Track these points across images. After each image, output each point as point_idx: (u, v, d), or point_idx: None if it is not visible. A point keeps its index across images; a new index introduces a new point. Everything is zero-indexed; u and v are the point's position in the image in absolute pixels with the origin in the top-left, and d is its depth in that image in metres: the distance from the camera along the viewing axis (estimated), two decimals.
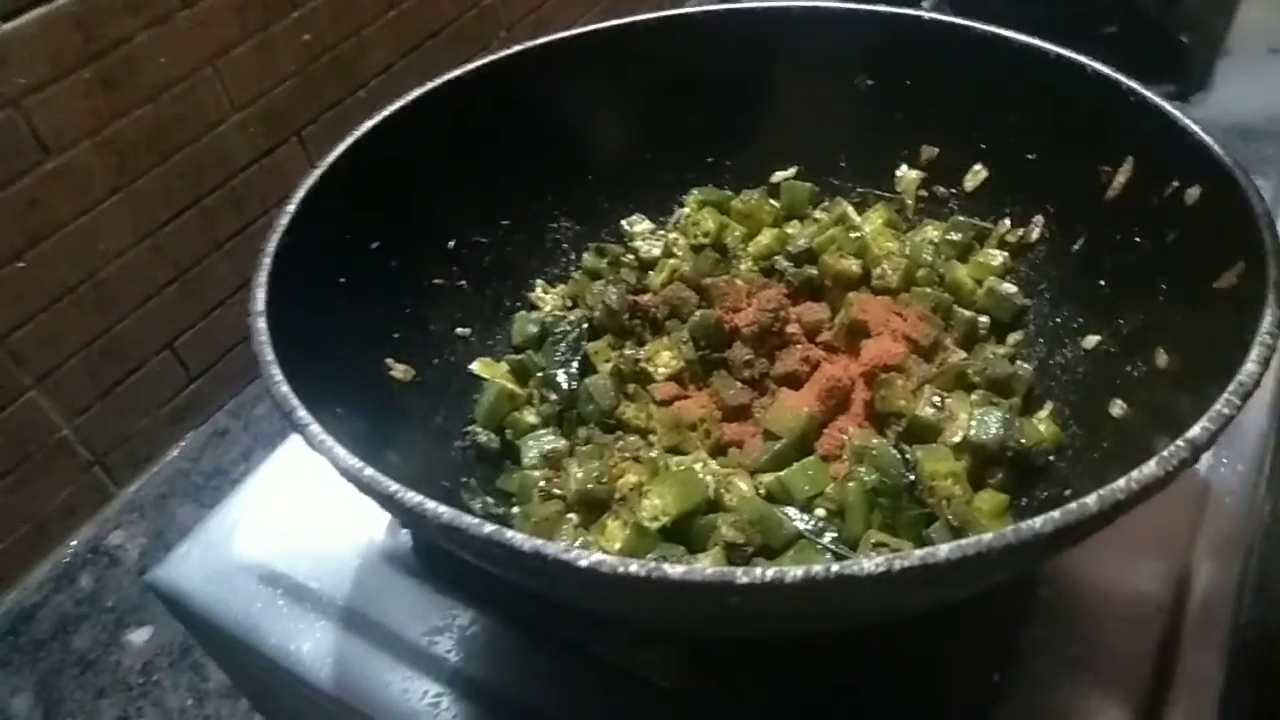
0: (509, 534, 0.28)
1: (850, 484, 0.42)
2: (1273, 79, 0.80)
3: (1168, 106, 0.46)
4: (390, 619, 0.50)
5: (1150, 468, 0.29)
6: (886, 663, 0.43)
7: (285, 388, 0.35)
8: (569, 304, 0.59)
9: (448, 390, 0.53)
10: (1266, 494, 0.52)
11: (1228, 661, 0.45)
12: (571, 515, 0.44)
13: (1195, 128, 0.45)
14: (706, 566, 0.27)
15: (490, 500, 0.47)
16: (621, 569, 0.27)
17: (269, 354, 0.37)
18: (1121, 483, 0.29)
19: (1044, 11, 0.84)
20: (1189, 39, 0.82)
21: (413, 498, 0.30)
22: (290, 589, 0.52)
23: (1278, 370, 0.56)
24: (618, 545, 0.40)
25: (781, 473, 0.44)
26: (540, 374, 0.53)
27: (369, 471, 0.32)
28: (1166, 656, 0.45)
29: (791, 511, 0.42)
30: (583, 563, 0.27)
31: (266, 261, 0.42)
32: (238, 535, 0.56)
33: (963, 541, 0.27)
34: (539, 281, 0.60)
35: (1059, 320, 0.51)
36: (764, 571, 0.27)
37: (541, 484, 0.45)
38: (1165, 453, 0.30)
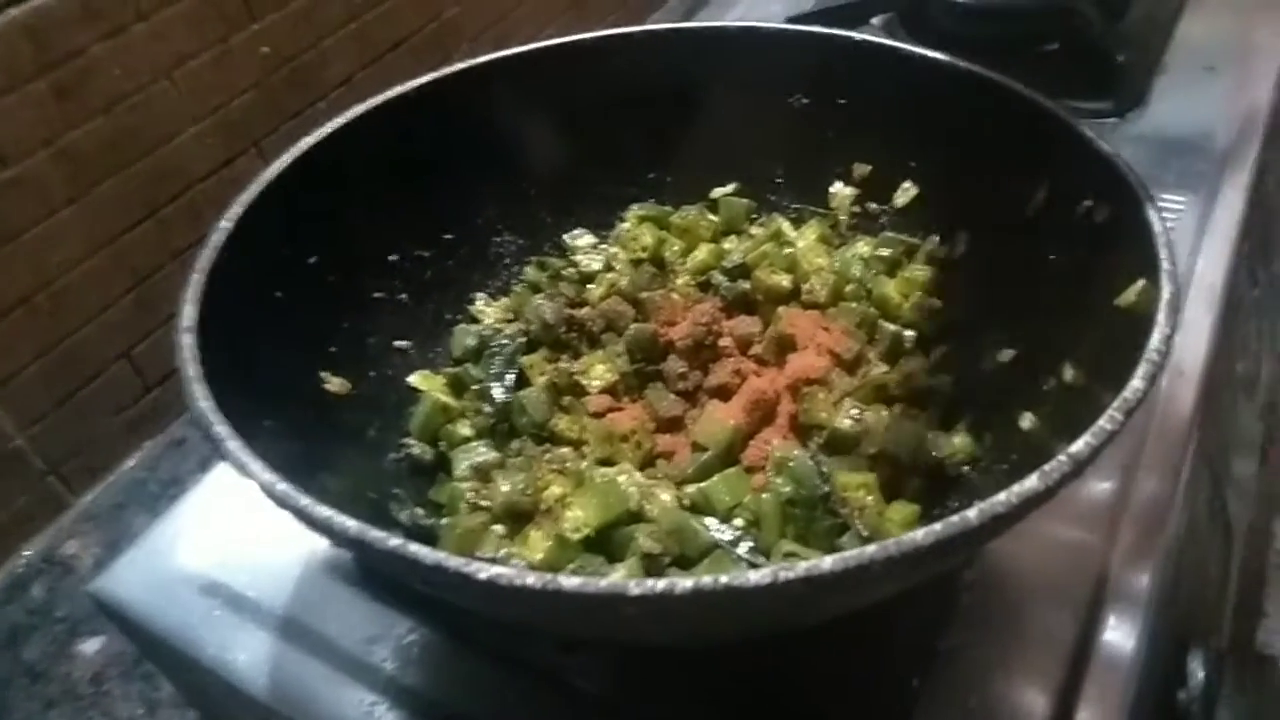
0: (413, 547, 0.29)
1: (765, 495, 0.43)
2: (1206, 96, 0.82)
3: (1081, 127, 0.48)
4: (328, 629, 0.50)
5: (1031, 481, 0.30)
6: (810, 669, 0.44)
7: (204, 404, 0.36)
8: (510, 317, 0.60)
9: (385, 403, 0.53)
10: (1184, 502, 0.54)
11: (1140, 664, 0.46)
12: (497, 527, 0.45)
13: (1106, 148, 0.46)
14: (601, 579, 0.28)
15: (420, 511, 0.47)
16: (518, 581, 0.28)
17: (192, 370, 0.38)
18: (1002, 496, 0.30)
19: (988, 31, 0.86)
20: (1126, 57, 0.84)
21: (323, 511, 0.31)
22: (229, 599, 0.53)
23: (1199, 379, 0.59)
24: (540, 556, 0.41)
25: (703, 484, 0.45)
26: (476, 386, 0.53)
27: (282, 486, 0.32)
28: (1080, 660, 0.46)
29: (711, 522, 0.43)
30: (482, 575, 0.28)
31: (198, 279, 0.43)
32: (180, 546, 0.56)
33: (845, 554, 0.28)
34: (481, 295, 0.61)
35: (979, 335, 0.53)
36: (655, 583, 0.27)
37: (469, 495, 0.46)
38: (1046, 467, 0.31)
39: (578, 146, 0.63)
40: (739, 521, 0.43)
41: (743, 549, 0.42)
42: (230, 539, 0.55)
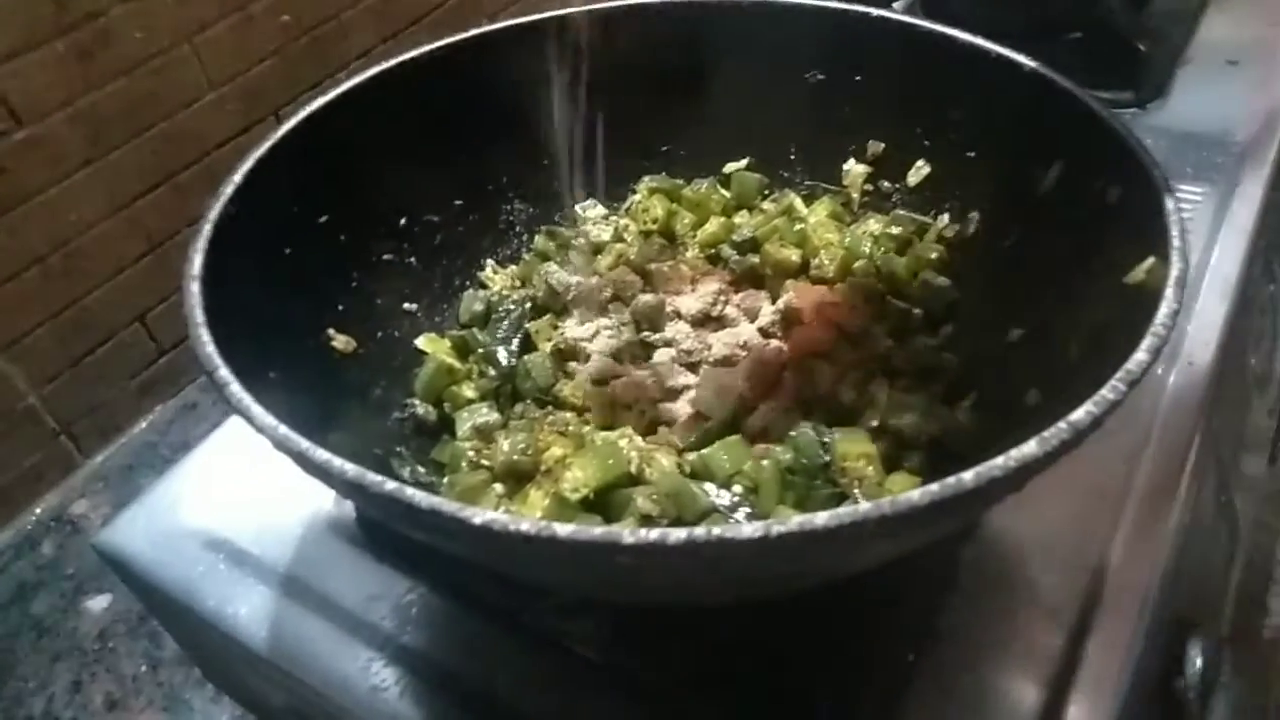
0: (409, 491, 0.29)
1: (765, 462, 0.43)
2: (1228, 89, 0.82)
3: (1096, 106, 0.47)
4: (329, 586, 0.51)
5: (1030, 447, 0.30)
6: (809, 641, 0.44)
7: (210, 348, 0.36)
8: (519, 284, 0.60)
9: (391, 363, 0.54)
10: (1188, 493, 0.54)
11: (1137, 653, 0.46)
12: (497, 485, 0.45)
13: (1120, 127, 0.46)
14: (595, 528, 0.28)
15: (422, 470, 0.48)
16: (513, 527, 0.28)
17: (199, 316, 0.38)
18: (999, 460, 0.30)
19: (1009, 17, 0.85)
20: (1149, 48, 0.83)
21: (321, 455, 0.31)
22: (232, 554, 0.53)
23: (1208, 370, 0.59)
24: (538, 514, 0.41)
25: (704, 450, 0.45)
26: (481, 350, 0.54)
27: (282, 430, 0.33)
28: (1077, 643, 0.46)
29: (709, 487, 0.43)
30: (476, 520, 0.28)
31: (207, 229, 0.43)
32: (184, 501, 0.57)
33: (840, 510, 0.28)
34: (490, 261, 0.61)
35: (988, 313, 0.53)
36: (648, 532, 0.28)
37: (470, 455, 0.46)
38: (1046, 433, 0.31)
39: (590, 117, 0.63)
40: (738, 488, 0.43)
41: (740, 515, 0.42)
42: (234, 497, 0.56)
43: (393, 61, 0.56)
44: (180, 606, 0.52)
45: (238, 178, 0.46)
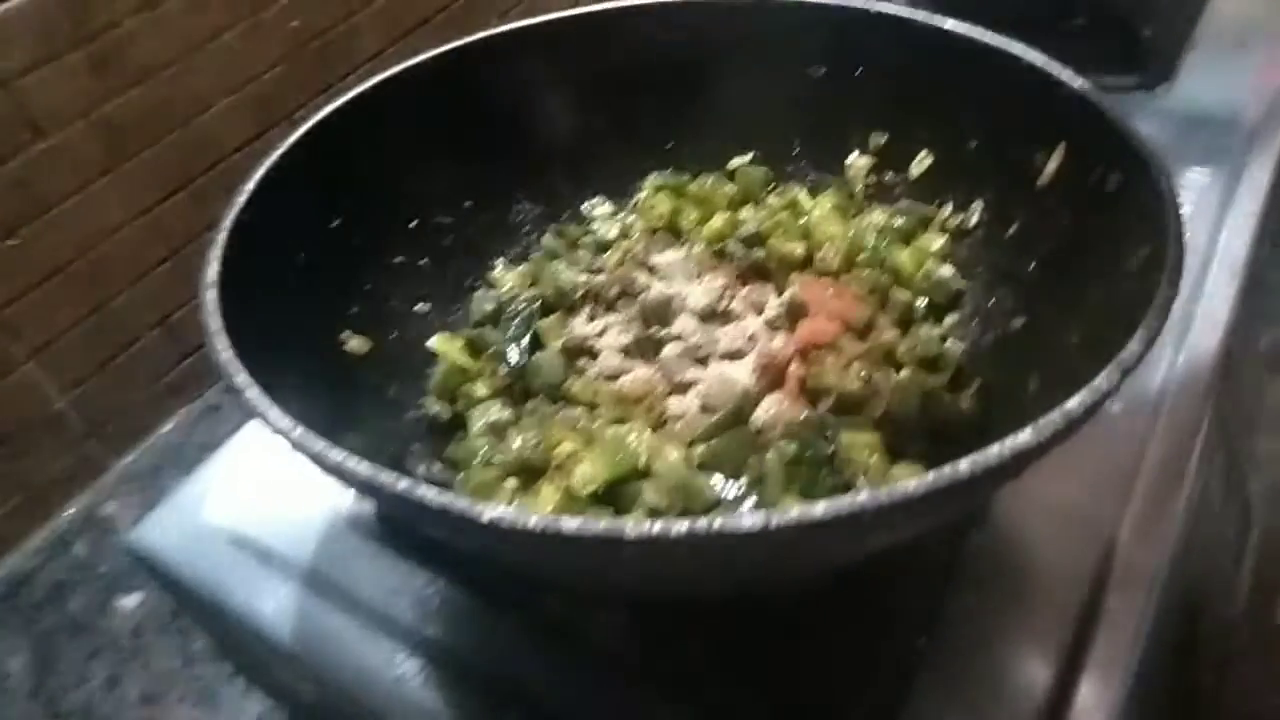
0: (421, 489, 0.30)
1: (770, 454, 0.44)
2: (1235, 72, 0.81)
3: (1093, 94, 0.48)
4: (351, 581, 0.52)
5: (1024, 435, 0.31)
6: (819, 629, 0.45)
7: (228, 354, 0.37)
8: (529, 283, 0.61)
9: (405, 363, 0.55)
10: (1197, 474, 0.54)
11: (1147, 633, 0.47)
12: (510, 481, 0.46)
13: (1118, 115, 0.46)
14: (600, 522, 0.29)
15: (437, 467, 0.49)
16: (520, 523, 0.29)
17: (216, 323, 0.39)
18: (994, 449, 0.30)
19: (1014, 4, 0.85)
20: (1154, 32, 0.83)
21: (336, 456, 0.32)
22: (257, 551, 0.55)
23: (1216, 352, 0.59)
24: (549, 508, 0.43)
25: (711, 442, 0.46)
26: (493, 349, 0.55)
27: (299, 432, 0.34)
28: (1087, 627, 0.47)
29: (717, 479, 0.44)
30: (485, 517, 0.29)
31: (222, 237, 0.45)
32: (211, 500, 0.58)
33: (838, 500, 0.29)
34: (500, 261, 0.62)
35: (991, 302, 0.53)
36: (651, 525, 0.29)
37: (484, 452, 0.47)
38: (1040, 422, 0.31)
39: (596, 116, 0.64)
40: (744, 480, 0.44)
41: (747, 506, 0.43)
42: (258, 495, 0.57)
43: (400, 67, 0.57)
44: (209, 603, 0.54)
45: (250, 186, 0.48)
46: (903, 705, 0.43)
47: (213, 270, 0.42)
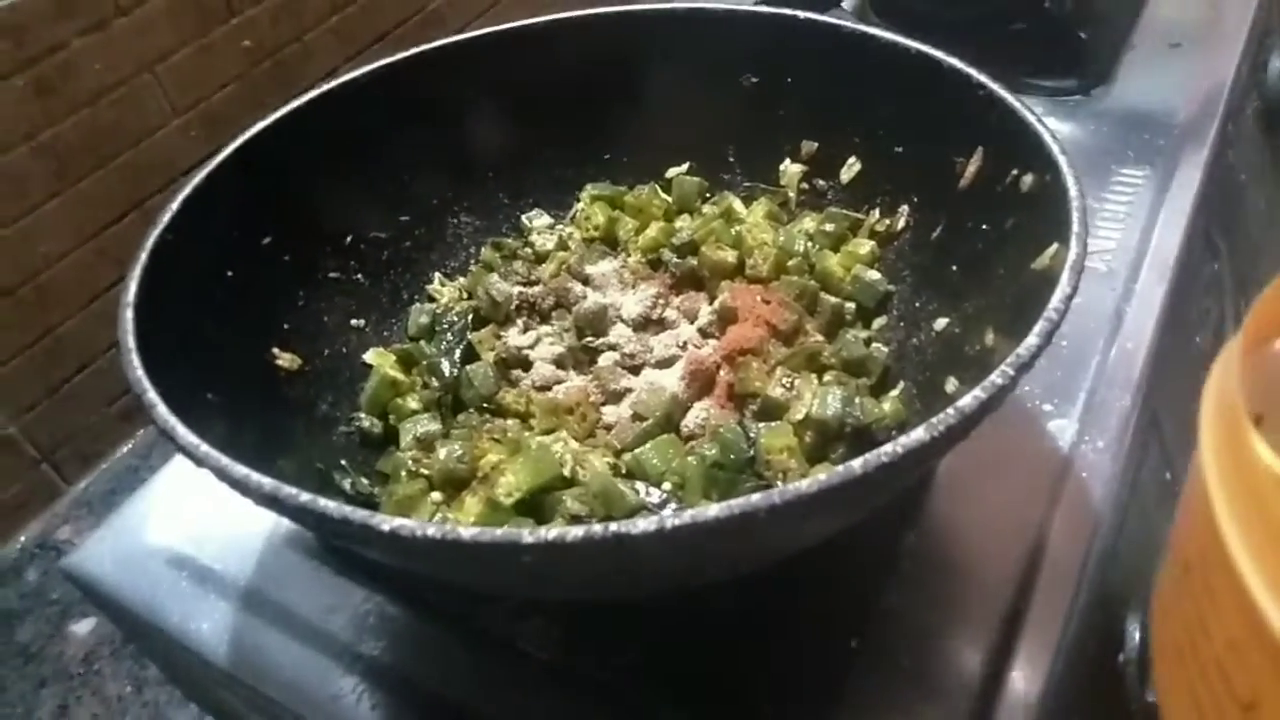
0: (322, 502, 0.31)
1: (690, 458, 0.44)
2: (1170, 73, 0.83)
3: (1010, 99, 0.48)
4: (288, 599, 0.52)
5: (918, 433, 0.31)
6: (751, 630, 0.46)
7: (139, 372, 0.37)
8: (466, 296, 0.61)
9: (337, 379, 0.55)
10: (1125, 473, 0.55)
11: (1074, 629, 0.47)
12: (435, 494, 0.46)
13: (1032, 118, 0.47)
14: (497, 529, 0.29)
15: (364, 481, 0.49)
16: (419, 532, 0.29)
17: (130, 341, 0.39)
18: (888, 447, 0.31)
19: (956, 11, 0.86)
20: (1092, 35, 0.84)
21: (240, 470, 0.32)
22: (195, 571, 0.54)
23: (1147, 352, 0.60)
24: (472, 519, 0.43)
25: (637, 450, 0.46)
26: (425, 362, 0.55)
27: (204, 449, 0.34)
28: (1015, 622, 0.47)
29: (641, 486, 0.44)
30: (385, 527, 0.30)
31: (142, 256, 0.45)
32: (150, 522, 0.58)
33: (731, 502, 0.29)
34: (437, 275, 0.62)
35: (917, 305, 0.54)
36: (548, 531, 0.29)
37: (410, 465, 0.47)
38: (934, 420, 0.32)
39: (533, 129, 0.64)
40: (668, 485, 0.45)
41: (668, 511, 0.43)
42: (198, 515, 0.57)
43: (332, 84, 0.57)
44: (146, 625, 0.53)
45: (175, 205, 0.48)
46: (836, 704, 0.43)
47: (130, 290, 0.42)
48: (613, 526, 0.29)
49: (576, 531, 0.29)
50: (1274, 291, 0.37)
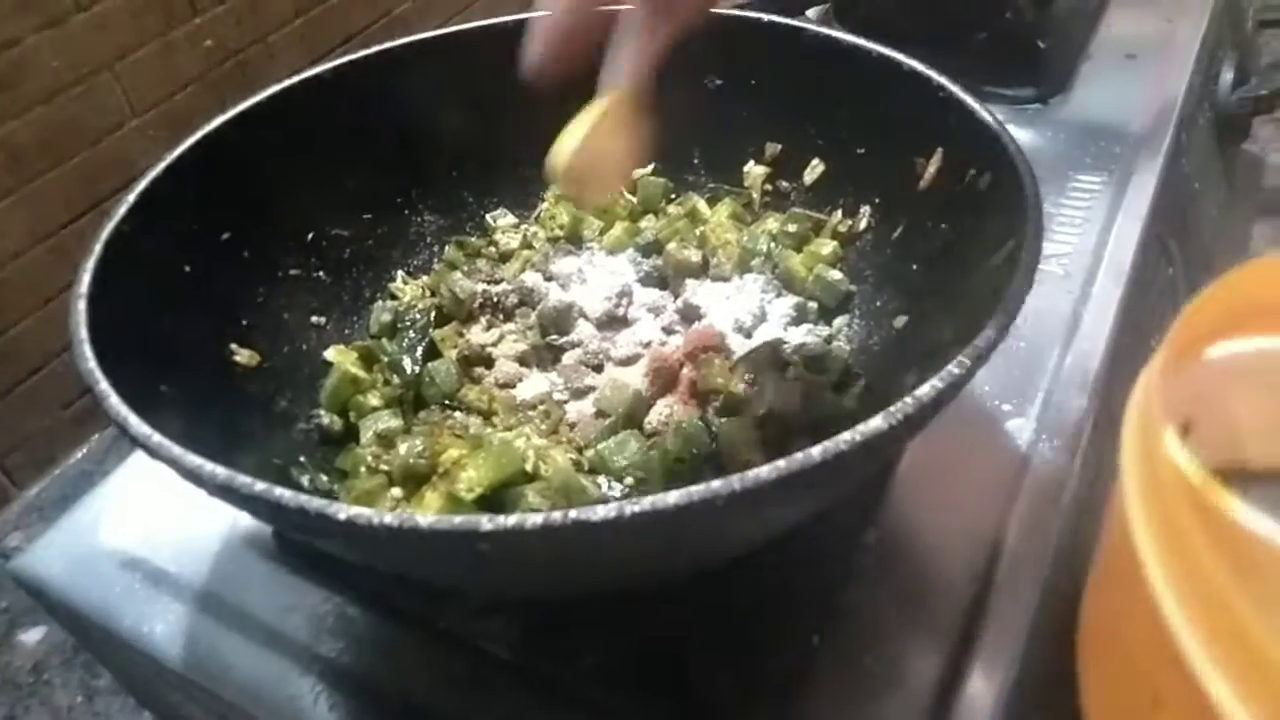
0: (277, 490, 0.30)
1: (652, 453, 0.44)
2: (1126, 83, 0.85)
3: (968, 99, 0.49)
4: (245, 600, 0.51)
5: (875, 422, 0.32)
6: (714, 626, 0.46)
7: (91, 364, 0.37)
8: (429, 294, 0.61)
9: (297, 375, 0.54)
10: (1082, 472, 0.56)
11: (1031, 627, 0.48)
12: (395, 489, 0.46)
13: (989, 118, 0.48)
14: (456, 517, 0.29)
15: (324, 477, 0.48)
16: (376, 521, 0.29)
17: (82, 333, 0.39)
18: (846, 435, 0.31)
19: (918, 21, 0.88)
20: (1051, 45, 0.86)
21: (193, 460, 0.32)
22: (149, 573, 0.53)
23: (1103, 354, 0.61)
24: (432, 514, 0.42)
25: (599, 445, 0.46)
26: (387, 359, 0.54)
27: (156, 439, 0.33)
28: (974, 620, 0.47)
29: (602, 480, 0.44)
30: (341, 516, 0.29)
31: (97, 248, 0.44)
32: (102, 524, 0.57)
33: (691, 489, 0.29)
34: (400, 273, 0.62)
35: (879, 303, 0.54)
36: (506, 519, 0.29)
37: (369, 460, 0.47)
38: (892, 409, 0.32)
39: (498, 127, 0.64)
40: (629, 480, 0.45)
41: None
42: (151, 517, 0.56)
43: (294, 79, 0.57)
44: (98, 628, 0.52)
45: (131, 198, 0.47)
46: (799, 701, 0.43)
47: (84, 281, 0.42)
48: (572, 513, 0.28)
49: (535, 518, 0.28)
50: (1200, 302, 0.38)
